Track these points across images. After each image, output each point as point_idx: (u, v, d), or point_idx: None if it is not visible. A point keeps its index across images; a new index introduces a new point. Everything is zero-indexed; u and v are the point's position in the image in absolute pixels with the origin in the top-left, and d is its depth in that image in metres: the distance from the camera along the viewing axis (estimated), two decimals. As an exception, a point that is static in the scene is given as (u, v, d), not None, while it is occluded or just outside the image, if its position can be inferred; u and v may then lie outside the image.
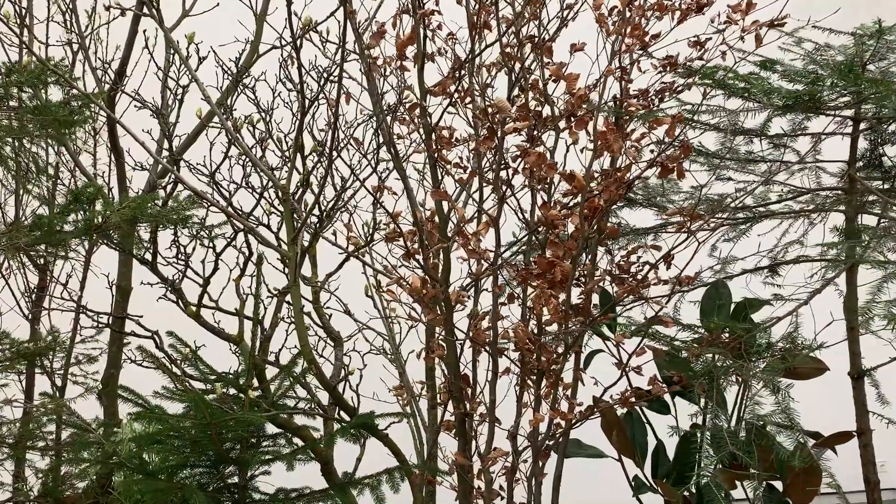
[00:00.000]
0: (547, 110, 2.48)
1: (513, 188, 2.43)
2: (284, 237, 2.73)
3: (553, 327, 2.48)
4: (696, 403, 2.70)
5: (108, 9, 2.78)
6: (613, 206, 2.59)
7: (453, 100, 2.38)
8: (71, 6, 3.21)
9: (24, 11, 3.44)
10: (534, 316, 2.47)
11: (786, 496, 2.53)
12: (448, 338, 2.39)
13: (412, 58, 2.48)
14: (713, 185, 2.67)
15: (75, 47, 3.43)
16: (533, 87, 2.49)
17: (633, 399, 2.46)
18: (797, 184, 2.75)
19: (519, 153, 2.38)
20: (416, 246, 2.40)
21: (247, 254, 3.06)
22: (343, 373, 3.12)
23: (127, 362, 3.08)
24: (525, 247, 2.63)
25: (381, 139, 2.63)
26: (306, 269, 3.25)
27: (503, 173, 2.40)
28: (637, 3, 2.39)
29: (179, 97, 2.96)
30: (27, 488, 3.25)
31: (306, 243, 3.00)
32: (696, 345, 2.44)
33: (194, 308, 2.95)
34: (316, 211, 3.15)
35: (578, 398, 2.51)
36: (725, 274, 2.88)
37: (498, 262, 2.43)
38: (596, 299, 2.69)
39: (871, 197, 2.65)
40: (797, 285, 2.56)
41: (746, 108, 2.51)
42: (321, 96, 2.88)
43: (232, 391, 2.83)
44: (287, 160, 2.92)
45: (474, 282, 2.54)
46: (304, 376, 2.73)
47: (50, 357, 3.50)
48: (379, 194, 2.65)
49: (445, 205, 2.48)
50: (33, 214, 3.28)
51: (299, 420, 2.87)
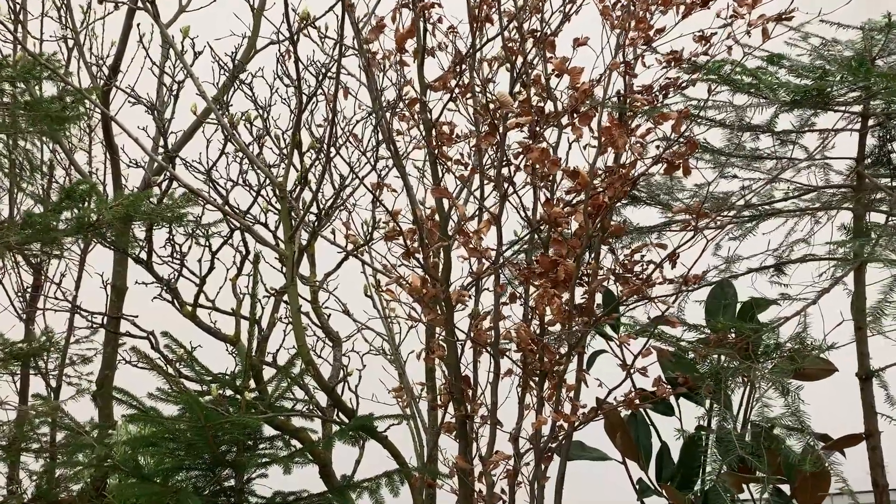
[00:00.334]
0: (550, 106, 2.44)
1: (515, 185, 2.38)
2: (282, 236, 2.68)
3: (556, 328, 2.44)
4: (702, 405, 2.65)
5: (102, 1, 2.72)
6: (617, 204, 2.55)
7: (454, 95, 2.33)
8: (65, 1, 3.16)
9: (18, 7, 3.40)
10: (536, 316, 2.42)
11: (793, 499, 2.48)
12: (448, 338, 2.34)
13: (412, 52, 2.43)
14: (716, 184, 2.63)
15: (70, 43, 3.38)
16: (535, 83, 2.44)
17: (638, 401, 2.41)
18: (804, 181, 2.71)
19: (521, 149, 2.33)
20: (416, 245, 2.35)
21: (244, 253, 3.01)
22: (342, 374, 3.08)
23: (122, 363, 3.03)
24: (527, 245, 2.58)
25: (381, 136, 2.58)
26: (305, 269, 3.21)
27: (505, 170, 2.35)
28: (642, -4, 2.34)
29: (175, 93, 2.91)
30: (21, 491, 3.20)
31: (304, 242, 2.96)
32: (703, 345, 2.39)
33: (190, 308, 2.90)
34: (314, 209, 3.11)
35: (581, 400, 2.46)
36: (730, 273, 2.84)
37: (500, 261, 2.38)
38: (599, 299, 2.65)
39: (880, 194, 2.61)
40: (804, 284, 2.52)
41: (753, 104, 2.46)
42: (319, 92, 2.83)
43: (229, 392, 2.79)
44: (285, 157, 2.87)
45: (475, 281, 2.49)
46: (302, 377, 2.68)
47: (45, 358, 3.45)
48: (378, 192, 2.59)
49: (446, 202, 2.43)
50: (24, 213, 3.23)
51: (297, 422, 2.83)
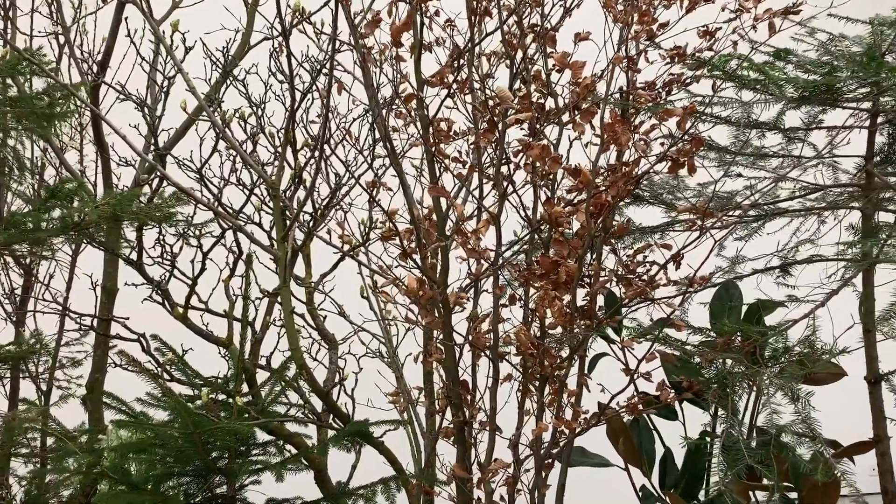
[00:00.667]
0: (550, 102, 2.37)
1: (514, 184, 2.31)
2: (276, 236, 2.61)
3: (557, 330, 2.37)
4: (706, 409, 2.59)
5: (92, -7, 2.66)
6: (620, 204, 2.48)
7: (451, 91, 2.26)
8: (55, -4, 3.09)
9: (7, 2, 3.33)
10: (536, 319, 2.35)
11: (802, 507, 2.42)
12: (446, 342, 2.27)
13: (409, 48, 2.36)
14: (723, 183, 2.57)
15: (62, 39, 3.31)
16: (535, 79, 2.38)
17: (642, 407, 2.34)
18: (811, 180, 2.65)
19: (521, 147, 2.26)
20: (413, 245, 2.28)
21: (236, 253, 2.94)
22: (338, 377, 3.01)
23: (112, 366, 2.96)
24: (527, 246, 2.51)
25: (378, 134, 2.52)
26: (300, 269, 3.15)
27: (504, 168, 2.28)
28: (645, -11, 2.28)
29: (165, 89, 2.83)
30: (10, 496, 3.13)
31: (299, 242, 2.89)
32: (708, 349, 2.32)
33: (181, 310, 2.83)
34: (309, 208, 3.04)
35: (583, 404, 2.39)
36: (735, 274, 2.78)
37: (499, 262, 2.31)
38: (601, 301, 2.58)
39: (889, 193, 2.55)
40: (812, 286, 2.46)
41: (759, 101, 2.40)
42: (314, 88, 2.76)
43: (222, 396, 2.72)
44: (278, 155, 2.80)
45: (474, 282, 2.42)
46: (297, 381, 2.61)
47: (35, 361, 3.39)
48: (374, 191, 2.53)
49: (444, 202, 2.36)
50: (9, 212, 3.16)
51: (292, 426, 2.76)
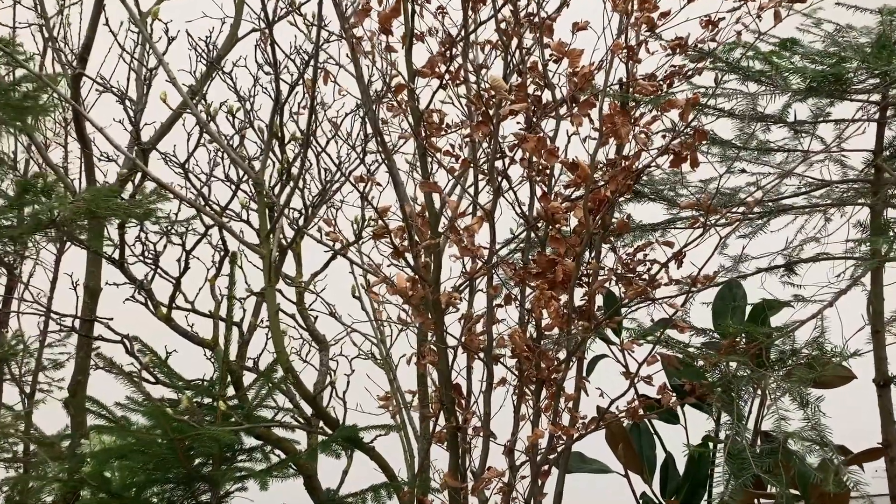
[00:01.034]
0: (547, 95, 2.27)
1: (509, 179, 2.22)
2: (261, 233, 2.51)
3: (554, 332, 2.28)
4: (709, 413, 2.50)
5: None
6: (619, 200, 2.39)
7: (444, 81, 2.16)
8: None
9: (-13, -7, 3.24)
10: (533, 319, 2.26)
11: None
12: (439, 344, 2.17)
13: (400, 38, 2.27)
14: (727, 178, 2.47)
15: (46, 33, 3.21)
16: (532, 70, 2.28)
17: (642, 411, 2.24)
18: (817, 175, 2.56)
19: (517, 141, 2.17)
20: (406, 243, 2.19)
21: (223, 252, 2.85)
22: (328, 379, 2.93)
23: (94, 369, 2.87)
24: (523, 243, 2.41)
25: (369, 127, 2.42)
26: (291, 268, 3.06)
27: (499, 163, 2.18)
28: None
29: (147, 81, 2.74)
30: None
31: (289, 240, 2.80)
32: (712, 351, 2.23)
33: (165, 310, 2.74)
34: (299, 205, 2.95)
35: (581, 407, 2.30)
36: (738, 273, 2.69)
37: (493, 261, 2.22)
38: (600, 301, 2.49)
39: (899, 190, 2.45)
40: (819, 285, 2.37)
41: (765, 92, 2.30)
42: (301, 80, 2.66)
43: (207, 400, 2.62)
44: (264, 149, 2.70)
45: (468, 282, 2.32)
46: (285, 383, 2.52)
47: (18, 362, 3.30)
48: (366, 188, 2.43)
49: (436, 198, 2.27)
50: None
51: (280, 431, 2.67)
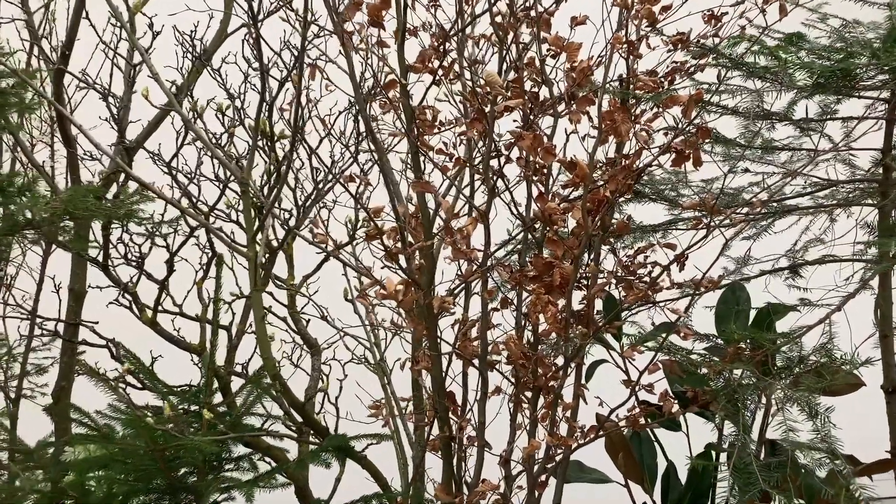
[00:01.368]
0: (544, 91, 2.19)
1: (505, 178, 2.13)
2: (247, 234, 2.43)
3: (551, 337, 2.19)
4: (712, 420, 2.42)
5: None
6: (619, 200, 2.31)
7: (437, 77, 2.08)
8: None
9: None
10: (530, 324, 2.18)
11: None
12: (432, 351, 2.09)
13: (392, 33, 2.19)
14: (731, 178, 2.40)
15: (30, 28, 3.13)
16: (528, 65, 2.20)
17: (643, 420, 2.16)
18: (822, 174, 2.48)
19: (513, 139, 2.08)
20: (399, 245, 2.11)
21: (210, 254, 2.77)
22: (320, 384, 2.85)
23: (77, 374, 2.78)
24: (520, 245, 2.33)
25: (362, 126, 2.34)
26: (282, 271, 2.98)
27: (494, 161, 2.10)
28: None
29: (131, 78, 2.66)
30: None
31: (280, 241, 2.72)
32: (716, 358, 2.15)
33: (150, 314, 2.66)
34: (289, 206, 2.88)
35: (580, 414, 2.21)
36: (741, 275, 2.61)
37: (488, 263, 2.13)
38: (599, 305, 2.41)
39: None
40: (826, 288, 2.29)
41: (770, 89, 2.23)
42: (290, 76, 2.58)
43: (194, 407, 2.54)
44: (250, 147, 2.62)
45: (462, 286, 2.24)
46: (269, 392, 2.44)
47: (3, 367, 3.22)
48: (358, 188, 2.36)
49: (430, 198, 2.19)
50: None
51: (270, 438, 2.59)
